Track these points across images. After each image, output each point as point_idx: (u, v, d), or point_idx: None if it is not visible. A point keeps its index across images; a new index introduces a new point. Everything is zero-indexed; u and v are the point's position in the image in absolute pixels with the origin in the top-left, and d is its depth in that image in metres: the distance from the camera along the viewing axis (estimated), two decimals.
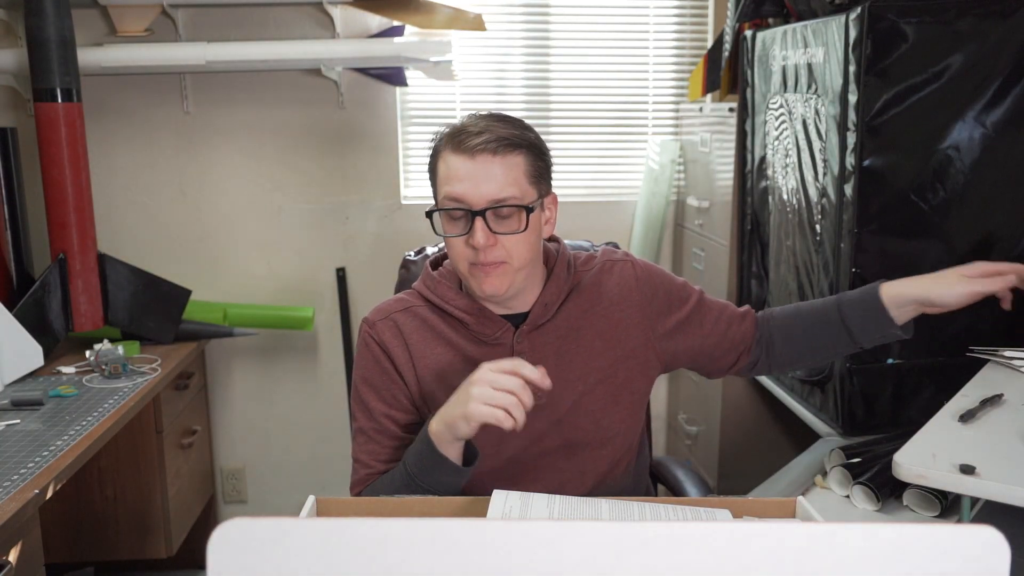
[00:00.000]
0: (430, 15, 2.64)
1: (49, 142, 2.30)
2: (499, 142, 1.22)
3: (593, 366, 1.34)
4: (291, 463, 2.98)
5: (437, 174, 1.28)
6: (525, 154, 1.25)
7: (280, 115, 2.80)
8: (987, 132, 1.79)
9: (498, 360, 1.14)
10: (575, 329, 1.35)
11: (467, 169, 1.22)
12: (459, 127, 1.26)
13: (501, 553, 0.69)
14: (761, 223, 2.33)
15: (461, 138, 1.23)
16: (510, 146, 1.23)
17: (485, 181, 1.22)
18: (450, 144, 1.24)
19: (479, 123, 1.25)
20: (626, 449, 1.39)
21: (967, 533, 0.68)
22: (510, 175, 1.23)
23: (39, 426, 1.89)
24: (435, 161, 1.28)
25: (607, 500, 1.08)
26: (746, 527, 0.70)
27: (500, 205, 1.22)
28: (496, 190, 1.22)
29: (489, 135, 1.22)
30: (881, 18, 1.73)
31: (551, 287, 1.34)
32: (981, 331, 1.84)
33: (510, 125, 1.26)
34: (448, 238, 1.26)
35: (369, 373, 1.36)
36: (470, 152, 1.22)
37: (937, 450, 1.28)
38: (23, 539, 1.58)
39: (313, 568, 0.69)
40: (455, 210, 1.24)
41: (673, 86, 2.95)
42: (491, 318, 1.33)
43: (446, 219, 1.26)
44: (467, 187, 1.22)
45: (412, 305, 1.38)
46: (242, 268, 2.88)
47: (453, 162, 1.24)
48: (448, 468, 1.18)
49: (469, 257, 1.26)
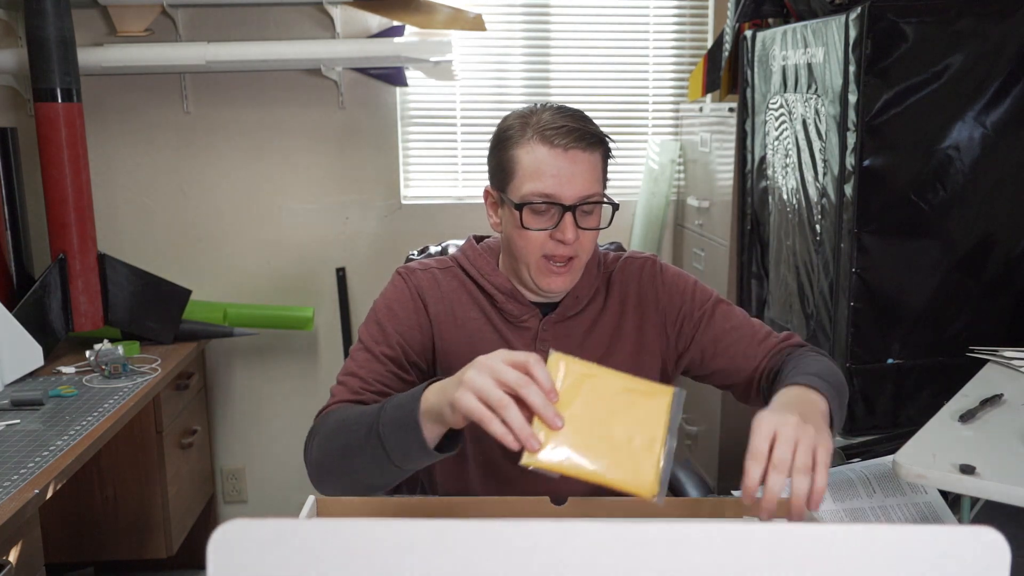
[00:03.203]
0: (430, 15, 2.64)
1: (49, 142, 2.30)
2: (589, 139, 1.23)
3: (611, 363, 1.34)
4: (291, 463, 2.98)
5: (516, 164, 1.25)
6: (603, 151, 1.27)
7: (280, 115, 2.79)
8: (987, 132, 1.79)
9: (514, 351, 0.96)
10: (598, 325, 1.35)
11: (559, 165, 1.22)
12: (542, 119, 1.24)
13: (501, 553, 0.69)
14: (761, 223, 2.33)
15: (550, 133, 1.22)
16: (597, 143, 1.25)
17: (577, 177, 1.22)
18: (537, 136, 1.23)
19: (560, 118, 1.24)
20: None
21: (967, 533, 0.68)
22: (595, 172, 1.25)
23: (39, 426, 1.89)
24: (511, 151, 1.26)
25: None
26: (746, 527, 0.70)
27: (589, 201, 1.24)
28: (586, 187, 1.23)
29: (580, 131, 1.23)
30: (881, 18, 1.73)
31: (583, 282, 1.35)
32: (981, 331, 1.84)
33: (588, 121, 1.27)
34: (529, 231, 1.24)
35: (397, 304, 1.32)
36: (563, 147, 1.22)
37: (937, 450, 1.28)
38: (23, 539, 1.58)
39: (313, 568, 0.69)
40: (544, 204, 1.23)
41: (673, 86, 2.94)
42: (521, 301, 1.33)
43: (528, 213, 1.24)
44: (561, 182, 1.22)
45: (451, 267, 1.37)
46: (242, 268, 2.87)
47: (543, 155, 1.22)
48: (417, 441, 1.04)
49: (547, 249, 1.25)
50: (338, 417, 1.18)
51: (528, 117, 1.25)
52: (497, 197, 1.30)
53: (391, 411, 1.07)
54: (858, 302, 1.85)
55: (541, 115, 1.24)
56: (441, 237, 1.74)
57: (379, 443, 1.07)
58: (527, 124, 1.24)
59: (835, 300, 1.92)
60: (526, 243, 1.26)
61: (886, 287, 1.85)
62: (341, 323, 2.90)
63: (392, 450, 1.06)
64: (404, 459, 1.07)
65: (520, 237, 1.26)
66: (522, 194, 1.24)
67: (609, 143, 1.28)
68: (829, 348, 1.95)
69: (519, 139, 1.24)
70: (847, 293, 1.86)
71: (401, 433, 1.05)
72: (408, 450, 1.05)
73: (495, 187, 1.30)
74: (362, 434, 1.10)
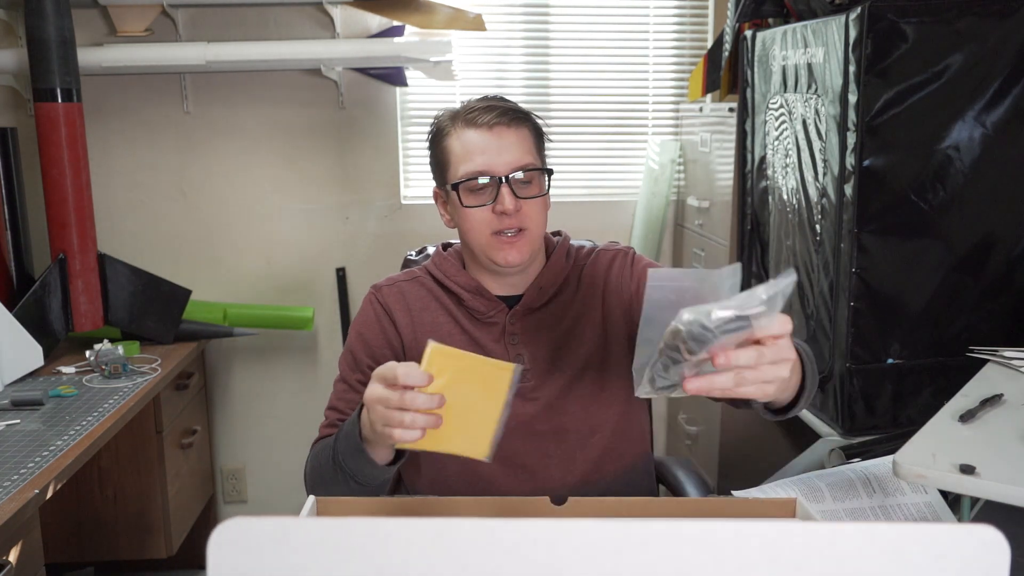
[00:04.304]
0: (430, 15, 2.64)
1: (49, 142, 2.30)
2: (511, 115, 1.30)
3: (583, 353, 1.36)
4: (291, 463, 2.97)
5: (450, 153, 1.32)
6: (531, 127, 1.34)
7: (280, 115, 2.79)
8: (987, 132, 1.79)
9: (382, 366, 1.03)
10: (569, 317, 1.37)
11: (486, 141, 1.29)
12: (464, 108, 1.32)
13: (501, 552, 0.69)
14: (761, 223, 2.33)
15: (472, 115, 1.30)
16: (520, 119, 1.32)
17: (506, 150, 1.29)
18: (461, 122, 1.31)
19: (482, 103, 1.32)
20: (620, 440, 1.39)
21: (967, 533, 0.68)
22: (525, 144, 1.31)
23: (39, 426, 1.89)
24: (443, 143, 1.33)
25: None
26: (746, 527, 0.70)
27: (524, 169, 1.29)
28: (517, 157, 1.29)
29: (499, 110, 1.30)
30: (881, 18, 1.73)
31: (547, 272, 1.38)
32: (981, 331, 1.84)
33: (510, 102, 1.34)
34: (470, 209, 1.30)
35: (365, 329, 1.39)
36: (487, 126, 1.29)
37: (937, 450, 1.28)
38: (23, 539, 1.58)
39: (313, 568, 0.69)
40: (478, 179, 1.28)
41: (673, 86, 2.94)
42: (487, 297, 1.37)
43: (466, 192, 1.30)
44: (490, 157, 1.28)
45: (418, 276, 1.43)
46: (242, 268, 2.87)
47: (470, 136, 1.30)
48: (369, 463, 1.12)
49: (493, 225, 1.29)
50: (314, 453, 1.29)
51: (456, 111, 1.34)
52: (442, 193, 1.37)
53: (342, 442, 1.16)
54: (858, 302, 1.85)
55: (467, 105, 1.33)
56: (440, 237, 1.75)
57: (342, 472, 1.16)
58: (455, 116, 1.33)
59: (835, 300, 1.92)
60: (472, 223, 1.31)
61: (886, 287, 1.85)
62: (341, 323, 2.91)
63: (356, 474, 1.15)
64: (369, 479, 1.15)
65: (465, 220, 1.31)
66: (458, 176, 1.30)
67: (536, 120, 1.35)
68: (829, 348, 1.95)
69: (449, 130, 1.33)
70: (847, 293, 1.86)
71: (354, 459, 1.13)
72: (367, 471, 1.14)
73: (439, 184, 1.38)
74: (329, 467, 1.19)
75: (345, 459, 1.15)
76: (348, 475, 1.15)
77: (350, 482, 1.16)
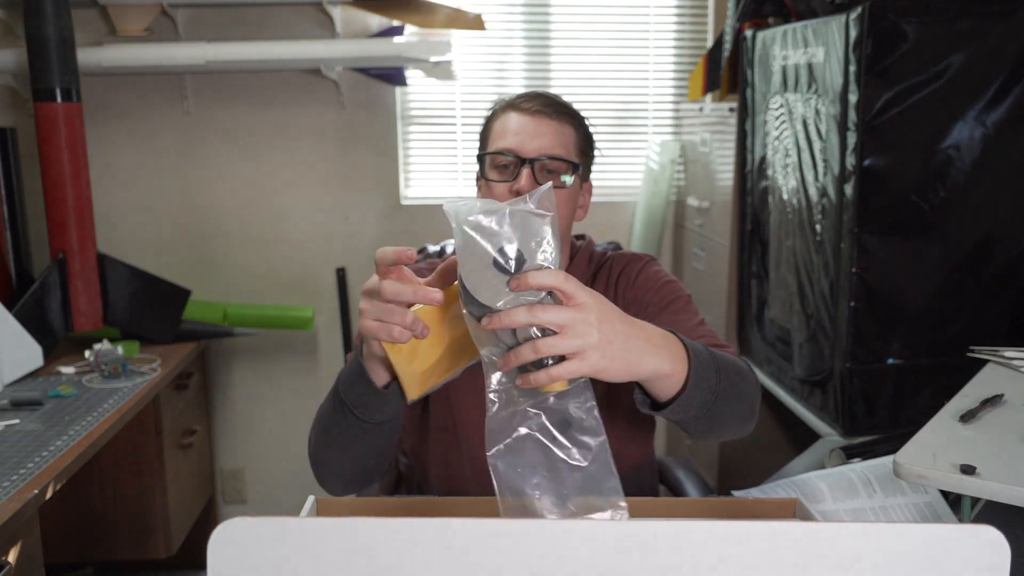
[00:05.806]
0: (430, 15, 2.64)
1: (49, 142, 2.30)
2: (556, 107, 1.33)
3: None
4: (291, 463, 2.98)
5: (490, 131, 1.35)
6: (577, 127, 1.35)
7: (280, 115, 2.79)
8: (987, 132, 1.79)
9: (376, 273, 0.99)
10: None
11: (523, 124, 1.31)
12: (517, 95, 1.36)
13: (501, 552, 0.69)
14: (761, 223, 2.32)
15: (520, 101, 1.33)
16: (566, 115, 1.34)
17: (539, 136, 1.30)
18: (509, 106, 1.34)
19: (533, 92, 1.36)
20: (627, 443, 1.39)
21: (967, 533, 0.68)
22: (562, 138, 1.32)
23: (39, 426, 1.89)
24: (489, 124, 1.36)
25: None
26: (746, 527, 0.70)
27: (550, 157, 1.30)
28: (548, 145, 1.30)
29: (546, 99, 1.33)
30: (881, 18, 1.73)
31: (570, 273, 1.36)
32: (981, 331, 1.84)
33: (561, 100, 1.36)
34: (491, 182, 1.32)
35: None
36: (529, 112, 1.31)
37: (937, 450, 1.27)
38: (23, 539, 1.58)
39: (313, 568, 0.69)
40: (504, 155, 1.30)
41: (673, 86, 2.94)
42: None
43: (491, 167, 1.32)
44: (521, 138, 1.30)
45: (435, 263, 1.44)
46: (242, 268, 2.87)
47: (510, 118, 1.33)
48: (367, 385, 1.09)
49: None
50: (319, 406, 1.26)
51: (511, 98, 1.36)
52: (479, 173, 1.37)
53: (346, 369, 1.13)
54: (858, 302, 1.85)
55: (521, 94, 1.36)
56: (441, 237, 1.74)
57: (342, 404, 1.12)
58: (505, 100, 1.36)
59: (835, 300, 1.92)
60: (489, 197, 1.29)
61: (886, 287, 1.85)
62: (341, 323, 2.90)
63: (353, 405, 1.11)
64: (364, 410, 1.10)
65: (484, 193, 1.33)
66: (488, 150, 1.33)
67: (585, 124, 1.36)
68: (829, 348, 1.95)
69: (498, 113, 1.36)
70: (847, 293, 1.86)
71: (354, 384, 1.10)
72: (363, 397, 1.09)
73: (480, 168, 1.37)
74: (330, 405, 1.16)
75: (346, 390, 1.12)
76: (348, 409, 1.12)
77: (350, 417, 1.12)
